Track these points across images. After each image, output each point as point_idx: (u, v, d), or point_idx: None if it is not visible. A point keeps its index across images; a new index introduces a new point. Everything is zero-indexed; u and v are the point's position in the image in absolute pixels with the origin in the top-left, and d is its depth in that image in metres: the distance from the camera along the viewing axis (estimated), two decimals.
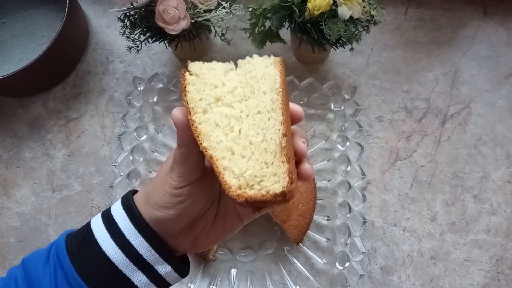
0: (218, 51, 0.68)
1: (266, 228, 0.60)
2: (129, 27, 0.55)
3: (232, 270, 0.58)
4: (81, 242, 0.32)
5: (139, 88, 0.64)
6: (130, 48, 0.56)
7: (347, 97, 0.62)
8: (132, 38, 0.55)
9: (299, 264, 0.58)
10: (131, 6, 0.52)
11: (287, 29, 0.57)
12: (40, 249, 0.34)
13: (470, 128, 0.63)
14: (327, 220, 0.59)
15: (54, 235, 0.62)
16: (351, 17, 0.51)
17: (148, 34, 0.55)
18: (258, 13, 0.54)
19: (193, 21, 0.52)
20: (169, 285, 0.34)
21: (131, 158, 0.61)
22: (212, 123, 0.29)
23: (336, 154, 0.62)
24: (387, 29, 0.68)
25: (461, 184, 0.61)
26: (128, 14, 0.55)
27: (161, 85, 0.64)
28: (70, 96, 0.67)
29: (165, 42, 0.59)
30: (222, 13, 0.52)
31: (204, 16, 0.52)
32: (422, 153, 0.63)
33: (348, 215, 0.58)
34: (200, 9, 0.52)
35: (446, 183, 0.61)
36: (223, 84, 0.31)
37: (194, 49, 0.60)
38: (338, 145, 0.62)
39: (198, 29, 0.56)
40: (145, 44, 0.56)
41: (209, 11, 0.53)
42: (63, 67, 0.67)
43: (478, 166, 0.62)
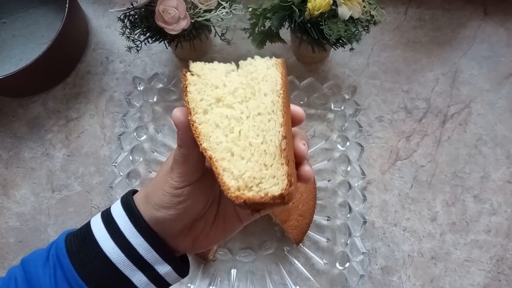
0: (218, 51, 0.68)
1: (266, 229, 0.60)
2: (129, 27, 0.55)
3: (232, 271, 0.58)
4: (81, 242, 0.32)
5: (139, 88, 0.64)
6: (130, 48, 0.56)
7: (347, 97, 0.62)
8: (132, 38, 0.55)
9: (299, 265, 0.58)
10: (131, 6, 0.52)
11: (287, 29, 0.57)
12: (40, 249, 0.34)
13: (470, 128, 0.63)
14: (327, 220, 0.59)
15: (54, 235, 0.62)
16: (351, 17, 0.51)
17: (148, 34, 0.55)
18: (258, 13, 0.54)
19: (193, 21, 0.52)
20: (169, 285, 0.34)
21: (131, 158, 0.61)
22: (212, 124, 0.29)
23: (336, 154, 0.62)
24: (387, 29, 0.68)
25: (461, 184, 0.61)
26: (128, 14, 0.55)
27: (161, 85, 0.64)
28: (70, 96, 0.67)
29: (165, 42, 0.59)
30: (222, 13, 0.52)
31: (204, 16, 0.52)
32: (422, 153, 0.63)
33: (348, 215, 0.58)
34: (200, 9, 0.52)
35: (446, 183, 0.61)
36: (224, 85, 0.31)
37: (194, 49, 0.60)
38: (338, 145, 0.62)
39: (198, 29, 0.56)
40: (145, 44, 0.56)
41: (209, 11, 0.53)
42: (63, 67, 0.67)
43: (478, 166, 0.62)
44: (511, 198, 0.60)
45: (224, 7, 0.52)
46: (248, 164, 0.28)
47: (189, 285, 0.57)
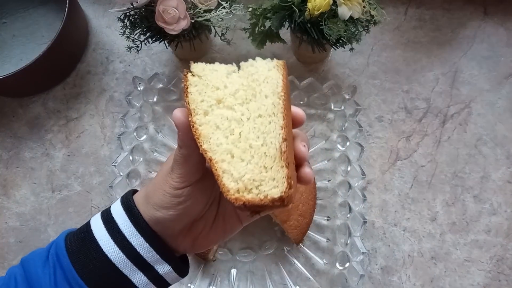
0: (218, 51, 0.68)
1: (266, 229, 0.60)
2: (129, 27, 0.55)
3: (232, 271, 0.58)
4: (81, 242, 0.32)
5: (139, 88, 0.64)
6: (130, 48, 0.56)
7: (347, 97, 0.62)
8: (132, 38, 0.55)
9: (299, 265, 0.58)
10: (131, 6, 0.52)
11: (287, 29, 0.57)
12: (40, 249, 0.34)
13: (470, 128, 0.63)
14: (327, 220, 0.59)
15: (54, 235, 0.62)
16: (351, 17, 0.51)
17: (148, 34, 0.55)
18: (258, 13, 0.54)
19: (193, 21, 0.52)
20: (169, 285, 0.34)
21: (131, 158, 0.61)
22: (213, 125, 0.29)
23: (336, 154, 0.62)
24: (387, 29, 0.68)
25: (461, 184, 0.61)
26: (128, 14, 0.55)
27: (161, 85, 0.64)
28: (70, 96, 0.67)
29: (165, 42, 0.59)
30: (222, 13, 0.52)
31: (204, 16, 0.52)
32: (422, 153, 0.63)
33: (348, 215, 0.58)
34: (200, 9, 0.52)
35: (446, 183, 0.61)
36: (225, 86, 0.31)
37: (194, 49, 0.60)
38: (338, 145, 0.62)
39: (198, 29, 0.56)
40: (145, 44, 0.56)
41: (209, 11, 0.53)
42: (63, 67, 0.67)
43: (478, 166, 0.62)
44: (511, 198, 0.60)
45: (224, 7, 0.52)
46: (248, 166, 0.28)
47: (189, 285, 0.57)
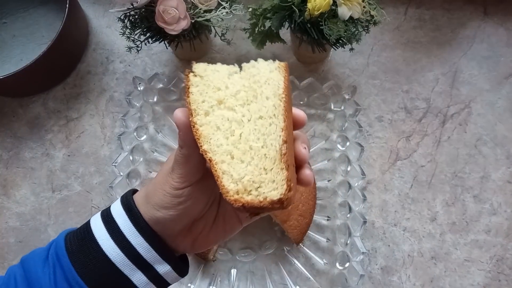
0: (218, 51, 0.68)
1: (266, 228, 0.60)
2: (129, 27, 0.55)
3: (232, 270, 0.58)
4: (81, 241, 0.32)
5: (139, 88, 0.64)
6: (130, 48, 0.56)
7: (347, 97, 0.62)
8: (132, 38, 0.55)
9: (299, 264, 0.58)
10: (131, 6, 0.52)
11: (287, 29, 0.57)
12: (39, 248, 0.34)
13: (470, 128, 0.63)
14: (327, 220, 0.59)
15: (54, 235, 0.62)
16: (351, 17, 0.51)
17: (148, 34, 0.55)
18: (258, 13, 0.54)
19: (193, 21, 0.52)
20: (169, 285, 0.34)
21: (131, 158, 0.61)
22: (213, 126, 0.29)
23: (336, 154, 0.62)
24: (387, 29, 0.68)
25: (461, 184, 0.61)
26: (128, 14, 0.55)
27: (161, 85, 0.64)
28: (70, 96, 0.67)
29: (165, 42, 0.59)
30: (222, 13, 0.52)
31: (204, 16, 0.52)
32: (422, 153, 0.63)
33: (348, 215, 0.58)
34: (200, 9, 0.52)
35: (446, 183, 0.61)
36: (227, 87, 0.31)
37: (194, 49, 0.60)
38: (338, 145, 0.62)
39: (198, 29, 0.56)
40: (145, 44, 0.56)
41: (209, 11, 0.53)
42: (63, 67, 0.67)
43: (478, 166, 0.62)
44: (511, 198, 0.60)
45: (224, 7, 0.52)
46: (248, 168, 0.28)
47: (189, 285, 0.57)
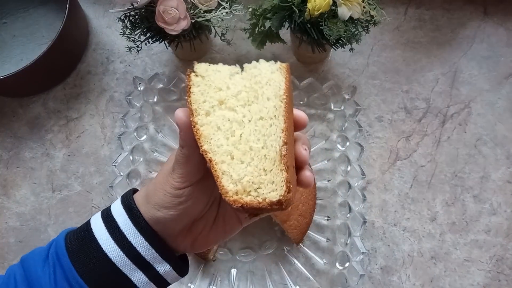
0: (218, 51, 0.68)
1: (266, 228, 0.60)
2: (130, 28, 0.55)
3: (232, 270, 0.58)
4: (81, 241, 0.32)
5: (139, 88, 0.64)
6: (130, 48, 0.56)
7: (347, 97, 0.62)
8: (133, 38, 0.55)
9: (299, 264, 0.58)
10: (132, 7, 0.53)
11: (287, 30, 0.57)
12: (40, 247, 0.34)
13: (470, 128, 0.64)
14: (327, 220, 0.59)
15: (54, 235, 0.62)
16: (351, 18, 0.51)
17: (149, 35, 0.55)
18: (258, 14, 0.54)
19: (193, 22, 0.52)
20: (169, 284, 0.34)
21: (131, 158, 0.61)
22: (214, 126, 0.29)
23: (336, 154, 0.62)
24: (387, 29, 0.68)
25: (461, 184, 0.61)
26: (129, 15, 0.55)
27: (161, 85, 0.64)
28: (70, 96, 0.67)
29: (165, 43, 0.59)
30: (222, 14, 0.52)
31: (204, 17, 0.52)
32: (422, 153, 0.63)
33: (348, 215, 0.58)
34: (200, 10, 0.52)
35: (446, 183, 0.61)
36: (228, 88, 0.31)
37: (194, 50, 0.60)
38: (338, 145, 0.62)
39: (198, 30, 0.56)
40: (145, 44, 0.56)
41: (209, 12, 0.53)
42: (63, 67, 0.67)
43: (478, 166, 0.62)
44: (511, 198, 0.60)
45: (224, 8, 0.52)
46: (248, 169, 0.28)
47: (189, 285, 0.57)
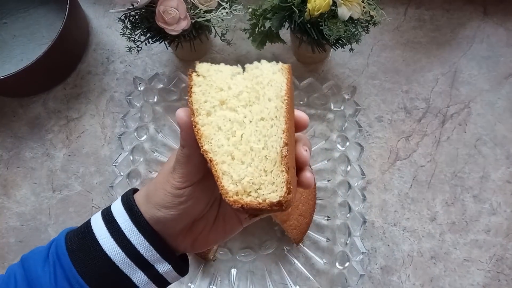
0: (218, 52, 0.68)
1: (266, 228, 0.60)
2: (130, 28, 0.55)
3: (232, 270, 0.58)
4: (81, 240, 0.32)
5: (140, 88, 0.64)
6: (131, 49, 0.56)
7: (347, 97, 0.62)
8: (133, 39, 0.55)
9: (299, 264, 0.58)
10: (132, 7, 0.53)
11: (287, 30, 0.57)
12: (40, 247, 0.34)
13: (470, 128, 0.64)
14: (327, 220, 0.60)
15: (54, 235, 0.61)
16: (351, 18, 0.51)
17: (149, 35, 0.55)
18: (258, 14, 0.54)
19: (193, 22, 0.53)
20: (169, 284, 0.34)
21: (131, 158, 0.61)
22: (215, 126, 0.29)
23: (336, 154, 0.62)
24: (387, 30, 0.68)
25: (461, 184, 0.61)
26: (129, 15, 0.55)
27: (162, 85, 0.64)
28: (71, 96, 0.67)
29: (166, 43, 0.59)
30: (222, 14, 0.52)
31: (204, 17, 0.52)
32: (422, 153, 0.63)
33: (348, 215, 0.58)
34: (200, 10, 0.52)
35: (446, 183, 0.61)
36: (229, 88, 0.31)
37: (195, 50, 0.60)
38: (338, 145, 0.62)
39: (198, 30, 0.56)
40: (146, 45, 0.56)
41: (209, 12, 0.53)
42: (64, 67, 0.67)
43: (478, 166, 0.62)
44: (511, 198, 0.60)
45: (224, 8, 0.52)
46: (248, 169, 0.28)
47: (189, 285, 0.57)
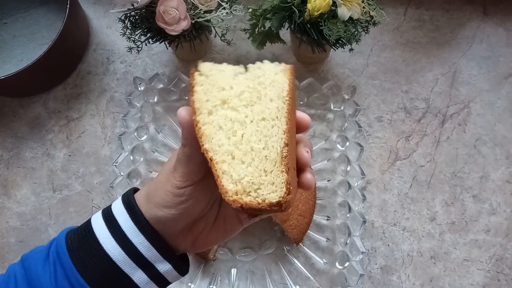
0: (218, 52, 0.68)
1: (266, 228, 0.60)
2: (130, 28, 0.55)
3: (232, 270, 0.59)
4: (82, 240, 0.33)
5: (140, 88, 0.64)
6: (131, 49, 0.56)
7: (347, 97, 0.62)
8: (133, 39, 0.55)
9: (299, 264, 0.58)
10: (132, 7, 0.53)
11: (287, 30, 0.57)
12: (40, 246, 0.34)
13: (470, 128, 0.64)
14: (327, 220, 0.60)
15: (54, 235, 0.61)
16: (351, 18, 0.51)
17: (149, 35, 0.56)
18: (258, 14, 0.54)
19: (194, 22, 0.53)
20: (169, 283, 0.34)
21: (132, 158, 0.61)
22: (216, 126, 0.29)
23: (336, 154, 0.62)
24: (387, 30, 0.68)
25: (461, 184, 0.61)
26: (129, 15, 0.55)
27: (162, 85, 0.64)
28: (71, 96, 0.68)
29: (166, 43, 0.59)
30: (222, 14, 0.52)
31: (205, 17, 0.52)
32: (422, 153, 0.63)
33: (348, 215, 0.58)
34: (201, 10, 0.52)
35: (446, 183, 0.62)
36: (231, 87, 0.31)
37: (195, 50, 0.60)
38: (338, 145, 0.62)
39: (199, 30, 0.56)
40: (146, 45, 0.56)
41: (209, 12, 0.53)
42: (64, 68, 0.67)
43: (478, 166, 0.62)
44: (511, 198, 0.60)
45: (224, 8, 0.53)
46: (248, 169, 0.28)
47: (190, 285, 0.57)
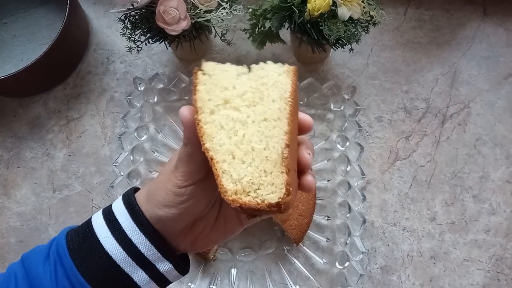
0: (219, 52, 0.68)
1: (266, 228, 0.60)
2: (130, 28, 0.55)
3: (232, 270, 0.59)
4: (82, 239, 0.33)
5: (140, 88, 0.64)
6: (131, 49, 0.56)
7: (347, 97, 0.62)
8: (133, 39, 0.55)
9: (299, 264, 0.58)
10: (132, 7, 0.53)
11: (287, 30, 0.57)
12: (40, 246, 0.34)
13: (470, 128, 0.64)
14: (327, 220, 0.60)
15: (55, 235, 0.61)
16: (351, 18, 0.51)
17: (149, 35, 0.56)
18: (258, 14, 0.54)
19: (193, 22, 0.53)
20: (169, 283, 0.34)
21: (132, 158, 0.61)
22: (218, 125, 0.29)
23: (336, 154, 0.62)
24: (387, 30, 0.68)
25: (461, 184, 0.61)
26: (129, 15, 0.55)
27: (162, 85, 0.64)
28: (71, 96, 0.68)
29: (166, 43, 0.59)
30: (222, 14, 0.52)
31: (205, 17, 0.53)
32: (422, 153, 0.63)
33: (348, 215, 0.58)
34: (201, 10, 0.52)
35: (446, 183, 0.62)
36: (234, 87, 0.31)
37: (195, 50, 0.60)
38: (338, 145, 0.62)
39: (199, 30, 0.56)
40: (146, 45, 0.56)
41: (209, 12, 0.53)
42: (64, 68, 0.67)
43: (478, 166, 0.62)
44: (510, 198, 0.61)
45: (224, 8, 0.53)
46: (248, 169, 0.28)
47: (190, 285, 0.57)
